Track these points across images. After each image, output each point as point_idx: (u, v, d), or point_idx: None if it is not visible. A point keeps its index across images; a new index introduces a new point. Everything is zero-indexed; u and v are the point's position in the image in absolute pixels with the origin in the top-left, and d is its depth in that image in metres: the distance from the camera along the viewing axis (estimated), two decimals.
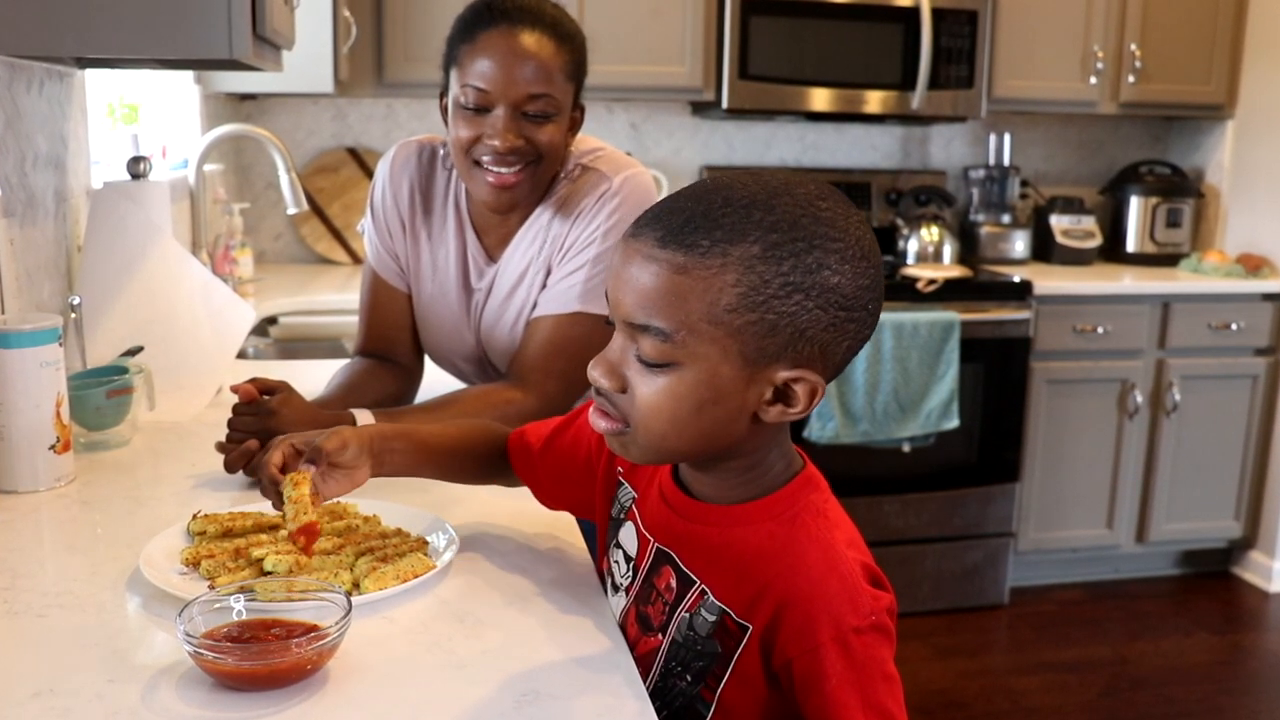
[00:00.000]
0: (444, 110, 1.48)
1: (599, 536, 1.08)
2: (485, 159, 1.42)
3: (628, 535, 0.99)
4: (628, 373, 0.85)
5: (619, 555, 1.00)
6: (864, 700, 0.81)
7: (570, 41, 1.43)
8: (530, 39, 1.39)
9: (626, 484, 1.02)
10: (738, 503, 0.89)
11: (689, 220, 0.81)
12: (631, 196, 1.49)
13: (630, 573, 0.97)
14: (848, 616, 0.82)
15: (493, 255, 1.57)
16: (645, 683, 0.89)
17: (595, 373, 0.86)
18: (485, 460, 1.17)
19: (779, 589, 0.84)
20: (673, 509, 0.93)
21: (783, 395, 0.84)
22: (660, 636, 0.92)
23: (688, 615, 0.89)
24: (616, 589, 1.00)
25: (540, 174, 1.46)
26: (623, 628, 0.97)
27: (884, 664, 0.83)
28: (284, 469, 1.04)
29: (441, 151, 1.58)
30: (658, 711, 0.85)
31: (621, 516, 1.01)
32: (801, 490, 0.89)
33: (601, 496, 1.06)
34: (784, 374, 0.82)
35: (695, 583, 0.90)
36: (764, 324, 0.80)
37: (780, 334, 0.80)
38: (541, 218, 1.52)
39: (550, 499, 1.16)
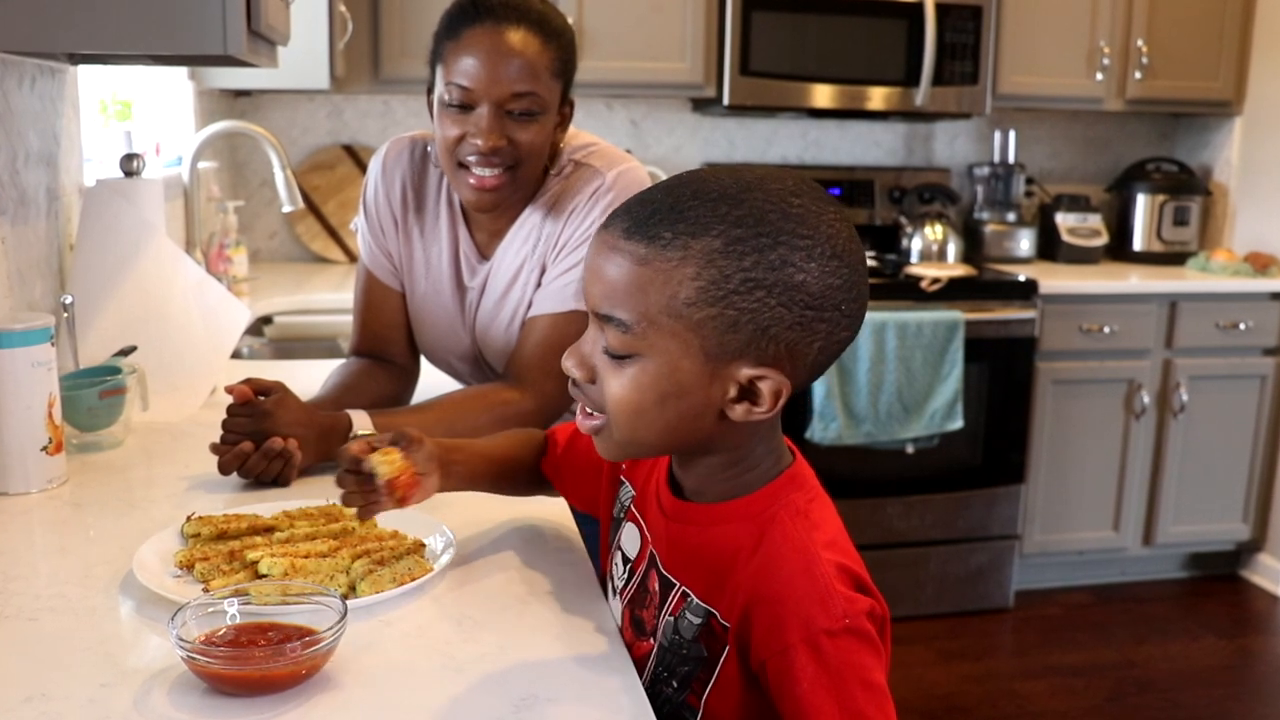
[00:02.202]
0: (431, 108, 1.46)
1: (602, 537, 1.06)
2: (470, 159, 1.40)
3: (628, 536, 0.98)
4: (597, 364, 0.85)
5: (619, 557, 0.99)
6: (840, 706, 0.78)
7: (557, 38, 1.41)
8: (516, 36, 1.37)
9: (627, 483, 1.01)
10: (720, 500, 0.88)
11: (655, 212, 0.80)
12: (625, 192, 1.47)
13: (626, 575, 0.96)
14: (818, 618, 0.79)
15: (485, 253, 1.55)
16: None
17: (568, 363, 0.87)
18: (535, 469, 1.17)
19: (750, 589, 0.83)
20: (661, 508, 0.93)
21: (748, 394, 0.82)
22: (651, 640, 0.91)
23: (672, 619, 0.88)
24: (615, 592, 0.99)
25: (523, 176, 1.44)
26: (621, 631, 0.96)
27: (863, 670, 0.79)
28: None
29: (432, 148, 1.56)
30: None
31: (621, 516, 1.00)
32: (783, 489, 0.87)
33: (606, 495, 1.05)
34: (747, 371, 0.81)
35: (675, 585, 0.88)
36: (724, 319, 0.79)
37: (742, 330, 0.79)
38: (534, 215, 1.50)
39: (573, 498, 1.16)
